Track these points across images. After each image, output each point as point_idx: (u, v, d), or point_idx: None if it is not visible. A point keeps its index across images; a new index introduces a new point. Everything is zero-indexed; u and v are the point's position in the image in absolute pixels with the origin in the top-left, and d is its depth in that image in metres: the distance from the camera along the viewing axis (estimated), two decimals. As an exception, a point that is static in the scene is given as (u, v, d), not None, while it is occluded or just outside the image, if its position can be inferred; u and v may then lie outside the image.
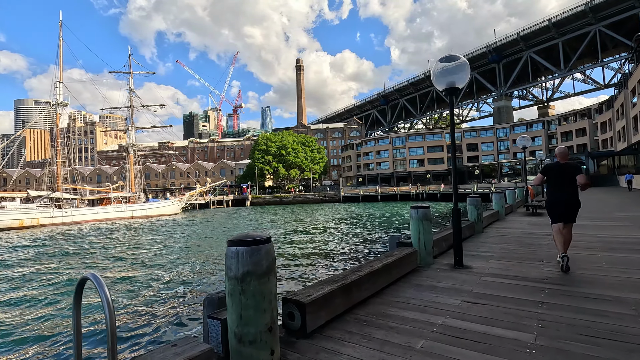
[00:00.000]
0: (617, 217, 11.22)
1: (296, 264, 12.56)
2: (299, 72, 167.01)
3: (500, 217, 11.64)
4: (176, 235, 23.88)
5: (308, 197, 74.92)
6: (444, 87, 5.23)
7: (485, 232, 8.76)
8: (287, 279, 10.42)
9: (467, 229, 7.93)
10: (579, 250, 6.12)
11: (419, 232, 5.38)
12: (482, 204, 8.98)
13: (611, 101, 49.95)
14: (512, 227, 9.65)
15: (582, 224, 9.60)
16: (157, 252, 16.70)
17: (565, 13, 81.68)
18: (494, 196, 11.86)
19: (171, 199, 58.20)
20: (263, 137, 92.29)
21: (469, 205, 8.63)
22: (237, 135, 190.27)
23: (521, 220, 11.10)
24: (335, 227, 24.70)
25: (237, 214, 46.79)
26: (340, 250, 15.38)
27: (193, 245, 18.58)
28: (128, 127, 51.65)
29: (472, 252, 6.31)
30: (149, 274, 12.06)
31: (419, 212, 5.39)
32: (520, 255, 5.97)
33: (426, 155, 79.71)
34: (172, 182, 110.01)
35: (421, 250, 5.38)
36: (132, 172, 51.93)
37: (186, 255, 15.48)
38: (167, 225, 34.00)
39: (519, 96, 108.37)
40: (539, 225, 9.91)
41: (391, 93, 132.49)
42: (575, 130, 63.78)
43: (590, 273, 4.71)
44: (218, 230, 26.69)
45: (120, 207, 46.55)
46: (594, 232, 7.99)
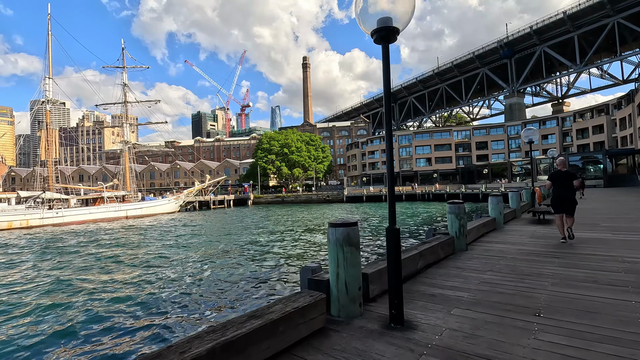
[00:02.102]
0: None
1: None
2: (305, 70, 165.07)
3: (498, 227, 9.46)
4: (155, 238, 22.26)
5: (311, 197, 73.00)
6: (375, 27, 3.19)
7: (470, 249, 6.64)
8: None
9: (442, 248, 5.84)
10: (602, 290, 3.98)
11: (338, 264, 3.35)
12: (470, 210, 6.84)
13: (631, 95, 46.57)
14: (508, 241, 7.49)
15: (603, 237, 7.38)
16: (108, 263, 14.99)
17: (582, 5, 77.71)
18: (490, 200, 9.69)
19: (168, 197, 56.99)
20: (266, 135, 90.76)
21: (449, 214, 6.54)
22: (245, 135, 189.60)
23: (523, 231, 8.90)
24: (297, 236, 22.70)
25: (232, 216, 45.17)
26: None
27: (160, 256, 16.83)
28: (122, 124, 50.47)
29: (435, 289, 4.24)
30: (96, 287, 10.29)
31: (339, 233, 3.36)
32: (506, 297, 3.87)
33: (433, 154, 76.89)
34: (177, 181, 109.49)
35: (340, 295, 3.36)
36: (127, 171, 50.76)
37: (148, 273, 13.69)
38: (152, 226, 32.47)
39: (532, 93, 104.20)
40: (545, 238, 7.71)
41: (399, 91, 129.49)
42: (592, 127, 60.21)
43: (623, 349, 2.60)
44: (202, 236, 24.96)
45: (113, 206, 45.37)
46: (620, 254, 5.81)
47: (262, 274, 11.42)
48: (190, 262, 13.84)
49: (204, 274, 11.74)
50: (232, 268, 12.32)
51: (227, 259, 14.23)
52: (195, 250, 16.66)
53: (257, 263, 13.09)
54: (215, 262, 13.55)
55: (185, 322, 7.32)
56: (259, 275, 11.16)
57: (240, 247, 17.18)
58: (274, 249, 16.09)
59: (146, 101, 51.71)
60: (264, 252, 15.36)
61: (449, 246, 6.12)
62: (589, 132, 60.94)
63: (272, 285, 10.01)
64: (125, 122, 50.92)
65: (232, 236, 21.99)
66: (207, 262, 13.69)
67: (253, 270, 11.87)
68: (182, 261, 14.08)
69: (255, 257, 14.23)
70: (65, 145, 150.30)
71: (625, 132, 50.00)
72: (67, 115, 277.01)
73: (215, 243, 18.97)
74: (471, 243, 7.22)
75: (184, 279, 11.19)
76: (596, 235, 7.72)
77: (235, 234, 23.18)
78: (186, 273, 12.00)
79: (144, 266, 13.41)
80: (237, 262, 13.40)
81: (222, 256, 14.90)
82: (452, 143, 76.54)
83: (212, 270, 12.24)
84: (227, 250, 16.46)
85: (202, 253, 15.88)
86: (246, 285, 10.01)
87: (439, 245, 5.65)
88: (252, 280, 10.49)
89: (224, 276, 11.24)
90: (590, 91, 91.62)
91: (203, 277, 11.37)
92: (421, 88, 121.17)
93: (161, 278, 11.42)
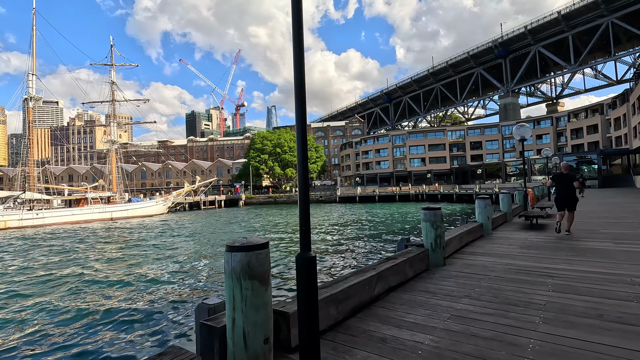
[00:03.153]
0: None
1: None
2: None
3: (485, 233, 8.45)
4: (137, 240, 21.04)
5: (303, 197, 71.91)
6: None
7: (449, 264, 5.62)
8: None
9: (412, 264, 4.80)
10: (611, 333, 2.94)
11: (234, 305, 2.30)
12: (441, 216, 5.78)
13: (626, 95, 46.01)
14: (495, 252, 6.47)
15: (604, 248, 6.40)
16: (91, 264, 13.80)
17: (576, 4, 77.33)
18: (477, 203, 8.68)
19: (156, 198, 55.56)
20: (259, 135, 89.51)
21: (423, 222, 5.51)
22: (239, 134, 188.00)
23: (513, 239, 7.89)
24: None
25: (219, 218, 44.01)
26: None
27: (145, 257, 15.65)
28: (109, 123, 49.02)
29: (389, 328, 3.19)
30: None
31: (235, 260, 2.30)
32: (481, 345, 2.82)
33: (428, 154, 76.10)
34: (168, 181, 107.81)
35: (236, 350, 2.30)
36: (114, 171, 49.32)
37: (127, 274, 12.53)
38: (135, 227, 31.18)
39: (527, 93, 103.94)
40: (538, 248, 6.71)
41: (394, 90, 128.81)
42: (586, 127, 59.70)
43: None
44: (187, 237, 23.78)
45: (98, 207, 43.98)
46: (627, 271, 4.81)
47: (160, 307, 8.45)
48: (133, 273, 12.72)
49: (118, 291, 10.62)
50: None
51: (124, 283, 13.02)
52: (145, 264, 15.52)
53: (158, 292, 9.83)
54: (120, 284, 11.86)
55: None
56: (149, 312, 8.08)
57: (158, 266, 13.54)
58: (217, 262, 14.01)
59: (135, 100, 50.31)
60: (191, 268, 13.00)
61: (421, 261, 5.08)
62: (583, 132, 60.44)
63: (164, 327, 7.17)
64: (112, 121, 49.48)
65: (197, 245, 20.85)
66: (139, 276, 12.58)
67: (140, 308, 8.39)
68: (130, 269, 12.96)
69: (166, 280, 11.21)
70: (55, 144, 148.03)
71: (620, 132, 49.46)
72: (60, 114, 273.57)
73: (171, 257, 17.67)
74: (452, 255, 6.20)
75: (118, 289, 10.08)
76: (596, 245, 6.74)
77: (204, 244, 22.02)
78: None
79: (86, 273, 12.27)
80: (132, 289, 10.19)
81: (140, 276, 13.74)
82: (446, 143, 75.82)
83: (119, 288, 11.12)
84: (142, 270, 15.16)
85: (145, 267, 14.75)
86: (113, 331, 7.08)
87: (406, 262, 4.61)
88: (133, 324, 7.40)
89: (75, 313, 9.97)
90: (584, 91, 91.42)
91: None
92: (416, 88, 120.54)
93: (97, 292, 10.29)
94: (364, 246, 16.27)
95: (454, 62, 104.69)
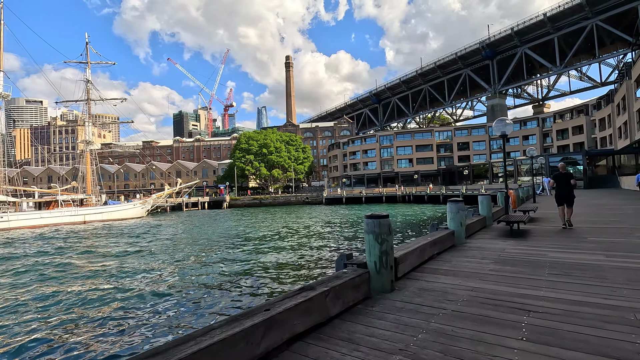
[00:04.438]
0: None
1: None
2: (288, 69, 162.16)
3: (457, 242, 7.23)
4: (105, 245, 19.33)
5: (289, 199, 70.57)
6: None
7: (398, 288, 4.33)
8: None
9: (339, 295, 3.48)
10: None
11: None
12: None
13: (611, 95, 45.86)
14: (464, 269, 5.22)
15: (594, 263, 5.20)
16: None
17: (562, 6, 77.79)
18: (448, 207, 7.45)
19: (134, 201, 53.42)
20: (245, 135, 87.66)
21: (366, 235, 4.21)
22: (227, 135, 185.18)
23: (488, 250, 6.66)
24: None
25: (198, 221, 42.32)
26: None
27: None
28: (85, 122, 46.78)
29: None
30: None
31: None
32: None
33: (415, 155, 75.45)
34: (152, 182, 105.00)
35: None
36: (89, 172, 47.05)
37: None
38: (93, 233, 29.32)
39: (514, 94, 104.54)
40: (515, 263, 5.48)
41: (383, 91, 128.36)
42: (572, 127, 59.73)
43: None
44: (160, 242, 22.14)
45: (70, 210, 41.80)
46: (628, 302, 3.59)
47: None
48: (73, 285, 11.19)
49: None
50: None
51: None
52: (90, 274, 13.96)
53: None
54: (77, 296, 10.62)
55: None
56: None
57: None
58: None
59: (111, 99, 48.10)
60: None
61: (356, 289, 3.78)
62: (568, 132, 60.45)
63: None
64: (87, 120, 47.23)
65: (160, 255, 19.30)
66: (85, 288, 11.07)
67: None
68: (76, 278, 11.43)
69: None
70: (36, 145, 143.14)
71: (605, 132, 49.39)
72: (44, 114, 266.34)
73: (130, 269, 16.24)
74: (408, 274, 4.91)
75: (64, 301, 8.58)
76: (584, 259, 5.55)
77: (177, 250, 20.48)
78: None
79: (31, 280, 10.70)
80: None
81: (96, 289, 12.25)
82: (434, 144, 75.32)
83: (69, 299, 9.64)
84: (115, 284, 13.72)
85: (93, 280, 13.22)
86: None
87: (328, 294, 3.29)
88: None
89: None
90: (569, 93, 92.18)
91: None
92: (405, 89, 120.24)
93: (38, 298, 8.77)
94: (314, 258, 14.34)
95: (442, 63, 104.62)
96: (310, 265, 12.95)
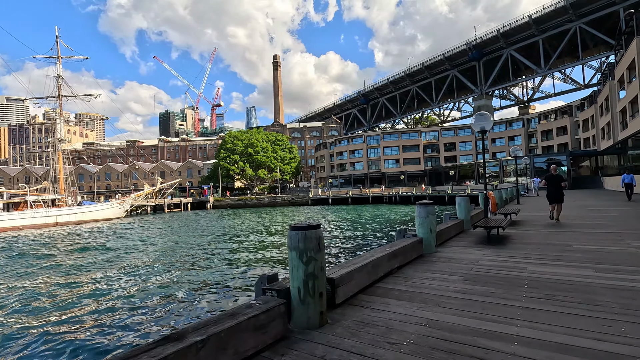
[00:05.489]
0: (637, 251, 6.01)
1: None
2: (276, 68, 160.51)
3: (426, 251, 6.26)
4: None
5: (275, 199, 69.24)
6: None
7: (334, 321, 3.31)
8: None
9: (240, 339, 2.43)
10: None
11: None
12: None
13: (594, 96, 46.05)
14: (426, 288, 4.23)
15: (582, 281, 4.27)
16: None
17: (546, 9, 78.58)
18: (417, 211, 6.47)
19: (111, 201, 51.41)
20: (230, 135, 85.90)
21: (290, 251, 3.16)
22: (214, 135, 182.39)
23: (460, 261, 5.71)
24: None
25: (180, 222, 40.79)
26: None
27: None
28: (56, 120, 44.68)
29: None
30: None
31: None
32: None
33: (402, 155, 75.03)
34: (135, 182, 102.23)
35: None
36: (61, 172, 44.96)
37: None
38: (53, 236, 27.64)
39: (500, 96, 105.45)
40: (489, 281, 4.52)
41: (371, 92, 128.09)
42: (556, 128, 60.08)
43: None
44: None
45: (40, 211, 39.73)
46: (630, 344, 2.62)
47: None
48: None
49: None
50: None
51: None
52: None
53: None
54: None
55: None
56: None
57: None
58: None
59: (84, 95, 46.10)
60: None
61: (259, 332, 2.71)
62: (553, 133, 60.79)
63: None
64: (59, 117, 45.13)
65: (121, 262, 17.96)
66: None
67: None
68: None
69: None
70: (11, 144, 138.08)
71: (588, 133, 49.65)
72: (26, 112, 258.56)
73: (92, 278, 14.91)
74: (354, 297, 3.90)
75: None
76: (570, 274, 4.63)
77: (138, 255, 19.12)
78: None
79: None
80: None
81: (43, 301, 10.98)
82: (421, 144, 75.07)
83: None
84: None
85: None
86: None
87: (202, 346, 2.23)
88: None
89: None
90: (554, 95, 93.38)
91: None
92: (392, 89, 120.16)
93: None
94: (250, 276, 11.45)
95: (430, 64, 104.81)
96: (237, 285, 10.32)
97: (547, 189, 10.72)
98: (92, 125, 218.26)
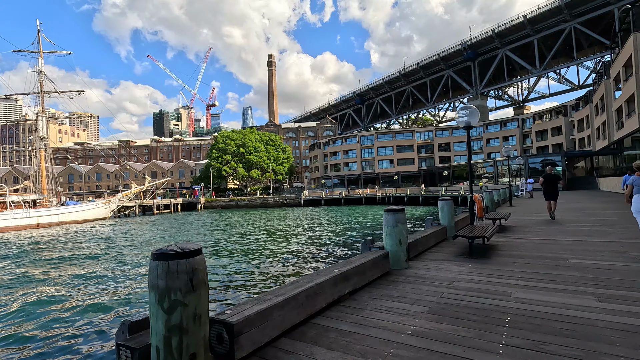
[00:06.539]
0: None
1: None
2: (270, 68, 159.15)
3: (393, 267, 5.23)
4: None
5: (267, 200, 68.05)
6: None
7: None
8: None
9: None
10: None
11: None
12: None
13: (589, 96, 45.41)
14: (374, 328, 3.18)
15: (583, 315, 3.22)
16: None
17: (541, 9, 78.12)
18: (385, 219, 5.43)
19: (97, 201, 50.00)
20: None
21: (150, 292, 2.10)
22: (209, 135, 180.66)
23: (433, 282, 4.67)
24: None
25: (166, 224, 39.57)
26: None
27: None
28: (37, 117, 43.27)
29: None
30: None
31: None
32: None
33: (396, 156, 74.15)
34: (126, 183, 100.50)
35: None
36: (44, 171, 43.56)
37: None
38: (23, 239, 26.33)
39: (495, 96, 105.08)
40: (459, 315, 3.49)
41: (366, 92, 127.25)
42: (551, 128, 59.44)
43: None
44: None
45: (20, 212, 38.31)
46: None
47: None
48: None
49: None
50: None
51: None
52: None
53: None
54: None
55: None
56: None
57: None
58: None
59: (67, 92, 44.78)
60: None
61: None
62: (547, 133, 60.15)
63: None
64: (40, 114, 43.73)
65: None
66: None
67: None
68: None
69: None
70: (3, 144, 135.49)
71: (583, 133, 48.99)
72: (19, 111, 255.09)
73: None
74: (273, 343, 2.84)
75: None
76: (566, 305, 3.60)
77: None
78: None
79: None
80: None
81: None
82: (415, 144, 74.25)
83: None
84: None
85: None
86: None
87: None
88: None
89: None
90: (549, 95, 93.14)
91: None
92: (388, 89, 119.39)
93: None
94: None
95: (425, 64, 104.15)
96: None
97: (544, 187, 11.58)
98: (85, 125, 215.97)
